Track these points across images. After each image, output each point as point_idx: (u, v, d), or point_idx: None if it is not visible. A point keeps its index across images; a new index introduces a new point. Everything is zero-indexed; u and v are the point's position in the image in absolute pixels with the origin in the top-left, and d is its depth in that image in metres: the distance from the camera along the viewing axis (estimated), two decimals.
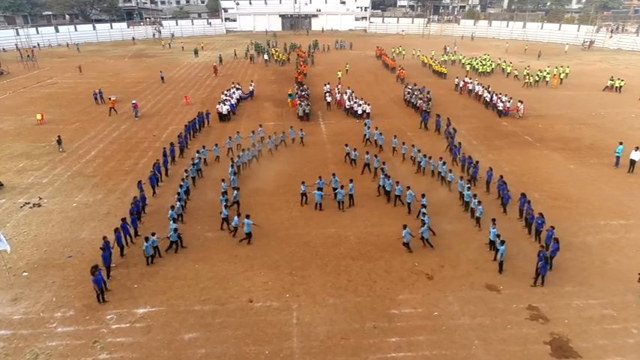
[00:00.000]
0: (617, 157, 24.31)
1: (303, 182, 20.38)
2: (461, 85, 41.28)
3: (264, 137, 26.91)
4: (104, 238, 15.77)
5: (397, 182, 20.24)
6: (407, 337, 12.97)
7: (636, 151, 23.50)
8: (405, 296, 14.67)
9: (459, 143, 25.59)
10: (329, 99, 36.48)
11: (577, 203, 20.68)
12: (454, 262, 16.37)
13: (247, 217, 17.36)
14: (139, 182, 20.40)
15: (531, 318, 13.70)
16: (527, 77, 43.83)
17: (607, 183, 22.69)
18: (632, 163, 23.60)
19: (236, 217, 17.92)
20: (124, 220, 17.28)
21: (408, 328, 13.31)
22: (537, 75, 44.25)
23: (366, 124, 28.96)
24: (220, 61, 57.77)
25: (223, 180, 20.78)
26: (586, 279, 15.44)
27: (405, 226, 16.81)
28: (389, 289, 14.99)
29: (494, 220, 16.72)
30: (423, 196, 18.82)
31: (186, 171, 21.86)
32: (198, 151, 24.43)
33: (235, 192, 19.90)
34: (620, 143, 24.47)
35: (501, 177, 20.32)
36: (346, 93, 36.55)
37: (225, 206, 18.37)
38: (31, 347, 12.62)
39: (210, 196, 21.07)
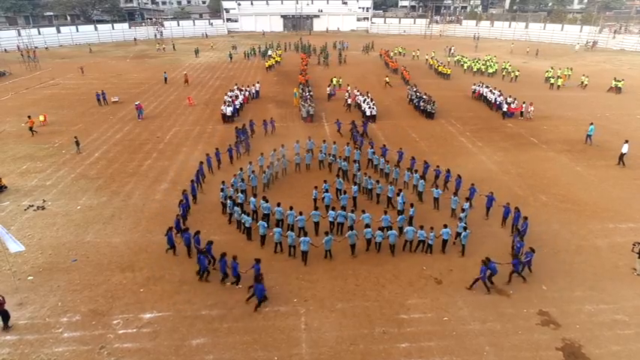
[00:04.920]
0: (588, 136, 27.76)
1: (315, 187, 19.85)
2: (477, 91, 39.47)
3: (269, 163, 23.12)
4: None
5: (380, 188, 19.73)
6: (417, 343, 12.83)
7: None
8: (414, 301, 14.52)
9: (400, 148, 23.88)
10: (349, 100, 35.95)
11: (585, 206, 20.51)
12: (463, 266, 16.20)
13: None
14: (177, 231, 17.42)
15: (542, 323, 13.55)
16: (504, 72, 47.71)
17: (614, 185, 22.52)
18: None
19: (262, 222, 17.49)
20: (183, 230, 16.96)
21: (417, 334, 13.17)
22: (549, 76, 44.77)
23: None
24: (230, 58, 59.82)
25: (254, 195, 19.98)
26: (597, 283, 15.30)
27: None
28: (397, 294, 14.84)
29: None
30: (412, 205, 18.24)
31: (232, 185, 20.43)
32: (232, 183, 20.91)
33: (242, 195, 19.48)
34: (591, 124, 27.90)
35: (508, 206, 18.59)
36: (362, 95, 36.12)
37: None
38: (37, 353, 12.49)
39: (216, 199, 20.94)
